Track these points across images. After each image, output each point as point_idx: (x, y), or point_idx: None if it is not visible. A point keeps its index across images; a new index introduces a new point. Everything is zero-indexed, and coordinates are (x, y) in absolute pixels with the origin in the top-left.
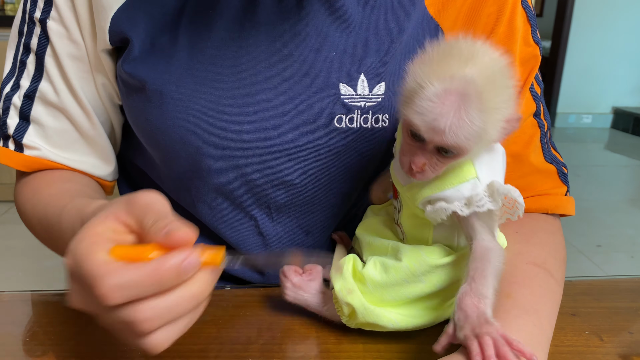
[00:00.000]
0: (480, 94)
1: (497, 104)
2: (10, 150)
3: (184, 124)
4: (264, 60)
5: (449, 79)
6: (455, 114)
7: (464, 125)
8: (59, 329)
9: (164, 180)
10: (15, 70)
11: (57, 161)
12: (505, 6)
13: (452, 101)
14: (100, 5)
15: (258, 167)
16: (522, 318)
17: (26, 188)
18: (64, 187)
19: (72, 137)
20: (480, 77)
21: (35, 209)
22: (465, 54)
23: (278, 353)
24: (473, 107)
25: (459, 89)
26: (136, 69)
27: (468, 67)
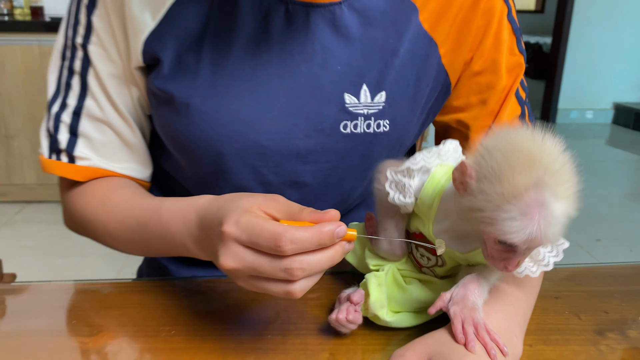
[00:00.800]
0: (557, 196)
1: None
2: (64, 163)
3: (208, 132)
4: (277, 75)
5: (528, 194)
6: (544, 222)
7: (553, 227)
8: (102, 313)
9: (189, 181)
10: (61, 90)
11: (106, 168)
12: (492, 20)
13: (539, 213)
14: (133, 29)
15: (274, 170)
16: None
17: (89, 199)
18: (130, 192)
19: (116, 146)
20: (552, 180)
21: (113, 213)
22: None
23: (294, 331)
24: (556, 210)
25: (541, 200)
26: (165, 84)
27: (541, 174)
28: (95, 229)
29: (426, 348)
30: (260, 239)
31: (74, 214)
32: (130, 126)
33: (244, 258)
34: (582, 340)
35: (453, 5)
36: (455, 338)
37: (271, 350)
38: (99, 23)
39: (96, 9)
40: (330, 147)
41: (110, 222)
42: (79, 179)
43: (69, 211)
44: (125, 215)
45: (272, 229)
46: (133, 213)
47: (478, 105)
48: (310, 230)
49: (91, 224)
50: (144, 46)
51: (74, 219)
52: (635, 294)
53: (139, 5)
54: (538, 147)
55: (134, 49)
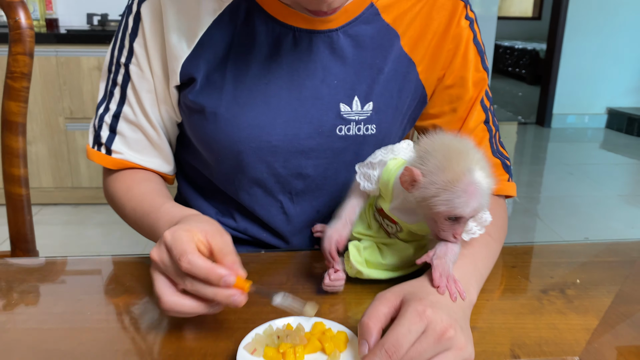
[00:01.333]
0: (485, 181)
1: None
2: (102, 154)
3: (231, 135)
4: (286, 89)
5: (465, 177)
6: (479, 195)
7: (485, 197)
8: (135, 277)
9: (214, 175)
10: (106, 97)
11: (134, 162)
12: (460, 44)
13: (477, 187)
14: (173, 56)
15: (282, 164)
16: (461, 260)
17: (119, 184)
18: (150, 187)
19: (144, 144)
20: (480, 170)
21: (131, 201)
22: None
23: (304, 286)
24: (483, 192)
25: (474, 180)
26: (197, 98)
27: (470, 163)
28: (117, 207)
29: (401, 290)
30: (174, 249)
31: (108, 192)
32: (156, 130)
33: (162, 256)
34: (529, 296)
35: (428, 33)
36: (432, 283)
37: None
38: (139, 49)
39: (137, 37)
40: (328, 146)
41: (127, 205)
42: (111, 167)
43: (106, 189)
44: (137, 204)
45: (184, 247)
46: (142, 204)
47: (450, 112)
48: (207, 264)
49: (116, 202)
50: (182, 69)
51: (108, 195)
52: (579, 264)
53: (177, 37)
54: (463, 145)
55: (172, 70)
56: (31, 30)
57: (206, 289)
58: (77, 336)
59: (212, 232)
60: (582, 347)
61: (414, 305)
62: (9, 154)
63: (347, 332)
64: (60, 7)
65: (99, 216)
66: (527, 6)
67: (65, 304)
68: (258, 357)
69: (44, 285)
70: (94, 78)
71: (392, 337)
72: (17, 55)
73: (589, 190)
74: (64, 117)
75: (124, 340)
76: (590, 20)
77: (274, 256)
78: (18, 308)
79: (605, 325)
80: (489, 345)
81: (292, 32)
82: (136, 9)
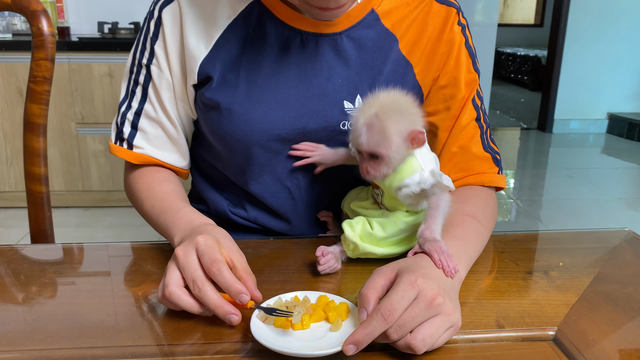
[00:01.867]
0: (379, 121)
1: (392, 125)
2: (124, 149)
3: (244, 129)
4: (294, 87)
5: (362, 117)
6: (368, 134)
7: (371, 140)
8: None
9: (227, 167)
10: (128, 96)
11: (154, 156)
12: (453, 47)
13: (367, 128)
14: (191, 57)
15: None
16: (453, 242)
17: (141, 182)
18: (169, 187)
19: (164, 140)
20: (379, 111)
21: (150, 198)
22: (373, 100)
23: (309, 269)
24: (375, 129)
25: (367, 121)
26: (213, 95)
27: (372, 108)
28: (137, 203)
29: (397, 264)
30: (206, 255)
31: (129, 188)
32: (175, 127)
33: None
34: (514, 277)
35: (424, 37)
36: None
37: (291, 281)
38: (159, 51)
39: (158, 40)
40: (332, 138)
41: (146, 202)
42: (133, 162)
43: (127, 185)
44: (157, 202)
45: (217, 256)
46: (162, 203)
47: (444, 110)
48: (232, 277)
49: (136, 198)
50: (199, 69)
51: (128, 190)
52: (564, 249)
53: (195, 40)
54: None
55: (190, 70)
56: (52, 37)
57: (210, 300)
58: (105, 309)
59: (233, 250)
60: (561, 319)
61: (407, 276)
62: (31, 153)
63: (348, 303)
64: (72, 16)
65: (109, 218)
66: (529, 13)
67: (92, 283)
68: (269, 325)
69: (73, 267)
70: (105, 84)
71: (387, 302)
72: (40, 60)
73: (589, 193)
74: (76, 122)
75: (148, 313)
76: (590, 27)
77: (282, 243)
78: (51, 286)
79: (583, 301)
80: (476, 317)
81: (300, 35)
82: (157, 14)
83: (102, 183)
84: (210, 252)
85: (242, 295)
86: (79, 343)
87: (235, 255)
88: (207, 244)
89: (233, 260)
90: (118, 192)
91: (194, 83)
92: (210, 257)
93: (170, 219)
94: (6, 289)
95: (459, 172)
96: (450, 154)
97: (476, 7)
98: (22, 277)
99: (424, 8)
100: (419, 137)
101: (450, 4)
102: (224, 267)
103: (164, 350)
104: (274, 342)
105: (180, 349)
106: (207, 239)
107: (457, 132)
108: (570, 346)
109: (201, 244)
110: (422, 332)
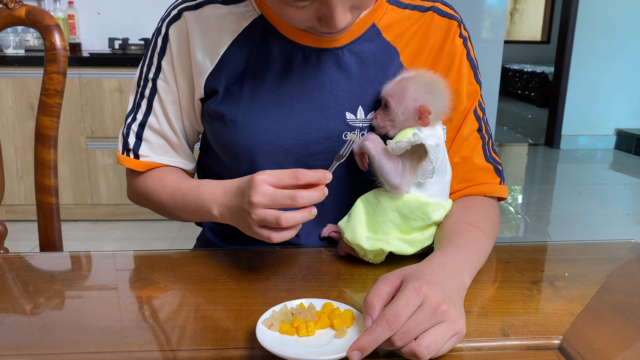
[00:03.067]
0: (408, 82)
1: (414, 90)
2: (131, 158)
3: (248, 140)
4: (297, 99)
5: (404, 73)
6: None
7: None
8: (157, 272)
9: (232, 177)
10: (134, 108)
11: (160, 162)
12: (454, 59)
13: (397, 80)
14: (198, 71)
15: (293, 165)
16: (456, 251)
17: (149, 179)
18: (178, 174)
19: (167, 149)
20: (415, 76)
21: (166, 188)
22: (423, 70)
23: (315, 277)
24: (401, 84)
25: (401, 76)
26: (218, 107)
27: (412, 73)
28: (152, 199)
29: (401, 272)
30: (279, 174)
31: (136, 190)
32: (178, 137)
33: (266, 190)
34: (519, 287)
35: (425, 49)
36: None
37: (297, 290)
38: (166, 66)
39: (165, 55)
40: (334, 149)
41: (162, 194)
42: (140, 170)
43: (133, 189)
44: (174, 189)
45: (285, 171)
46: (179, 188)
47: (446, 122)
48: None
49: (149, 196)
50: (206, 83)
51: (136, 194)
52: (570, 260)
53: (202, 55)
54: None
55: (198, 85)
56: (65, 51)
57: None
58: (113, 315)
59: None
60: (567, 328)
61: (412, 283)
62: (41, 165)
63: (353, 310)
64: (83, 32)
65: (116, 232)
66: (536, 30)
67: (100, 289)
68: (274, 331)
69: (80, 274)
70: (115, 99)
71: (392, 309)
72: (52, 73)
73: (597, 209)
74: (85, 137)
75: (155, 319)
76: (597, 43)
77: (288, 252)
78: (59, 293)
79: (589, 310)
80: (481, 325)
81: (302, 50)
82: (164, 31)
83: (110, 197)
84: (279, 172)
85: (326, 174)
86: (86, 348)
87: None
88: (269, 173)
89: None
90: (126, 206)
91: (201, 97)
92: (286, 173)
93: (196, 197)
94: (15, 295)
95: (460, 183)
96: (452, 164)
97: (483, 24)
98: (30, 284)
99: (425, 21)
100: (426, 115)
101: (451, 16)
102: (300, 169)
103: (170, 355)
104: (279, 348)
105: (187, 355)
106: (260, 173)
107: (458, 143)
108: (576, 355)
109: (266, 176)
110: (426, 339)
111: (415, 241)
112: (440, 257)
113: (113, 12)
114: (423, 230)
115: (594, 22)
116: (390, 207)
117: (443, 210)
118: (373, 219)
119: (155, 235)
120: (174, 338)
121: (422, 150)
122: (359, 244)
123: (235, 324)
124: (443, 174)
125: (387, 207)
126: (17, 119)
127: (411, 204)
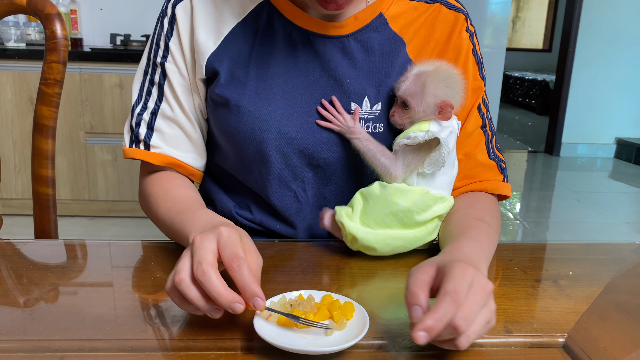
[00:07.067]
0: (426, 78)
1: (433, 86)
2: (141, 150)
3: (252, 126)
4: (302, 86)
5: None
6: (411, 83)
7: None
8: (153, 261)
9: (235, 168)
10: (142, 97)
11: (172, 156)
12: (460, 54)
13: (414, 78)
14: (200, 51)
15: (297, 154)
16: (470, 243)
17: (158, 186)
18: (187, 193)
19: (181, 139)
20: (432, 71)
21: (167, 202)
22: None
23: (314, 270)
24: (419, 82)
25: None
26: (222, 91)
27: (430, 66)
28: (151, 206)
29: (433, 260)
30: (229, 247)
31: (144, 192)
32: (193, 124)
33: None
34: (523, 285)
35: (431, 42)
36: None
37: (296, 282)
38: (174, 47)
39: (172, 36)
40: (338, 140)
41: (161, 205)
42: (153, 162)
43: (143, 190)
44: (173, 204)
45: (239, 251)
46: (179, 205)
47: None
48: (250, 279)
49: (151, 202)
50: (207, 63)
51: (143, 196)
52: (573, 260)
53: (204, 34)
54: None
55: (198, 64)
56: (66, 41)
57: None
58: (107, 303)
59: (251, 251)
60: (571, 326)
61: (456, 264)
62: (39, 155)
63: (353, 303)
64: (85, 27)
65: (114, 228)
66: (538, 39)
67: (94, 277)
68: (272, 323)
69: (75, 262)
70: (115, 95)
71: (450, 286)
72: (52, 63)
73: (597, 217)
74: (84, 132)
75: (149, 308)
76: (599, 52)
77: (287, 245)
78: (52, 279)
79: (594, 309)
80: None
81: (308, 35)
82: (171, 12)
83: (108, 193)
84: (234, 245)
85: (257, 299)
86: (78, 335)
87: (253, 256)
88: (230, 237)
89: (250, 261)
90: (124, 203)
91: (202, 78)
92: (232, 251)
93: (186, 219)
94: (7, 281)
95: (463, 179)
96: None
97: (485, 31)
98: (23, 270)
99: (433, 12)
100: (447, 109)
101: (458, 9)
102: (245, 264)
103: (165, 345)
104: (277, 339)
105: (182, 345)
106: (231, 232)
107: (462, 139)
108: (581, 353)
109: (224, 235)
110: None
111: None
112: (456, 250)
113: (115, 8)
114: (426, 224)
115: (596, 31)
116: (392, 200)
117: (447, 203)
118: (373, 211)
119: (153, 232)
120: (169, 328)
121: (433, 142)
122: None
123: (234, 315)
124: (451, 166)
125: (390, 200)
126: (16, 113)
127: (415, 195)
